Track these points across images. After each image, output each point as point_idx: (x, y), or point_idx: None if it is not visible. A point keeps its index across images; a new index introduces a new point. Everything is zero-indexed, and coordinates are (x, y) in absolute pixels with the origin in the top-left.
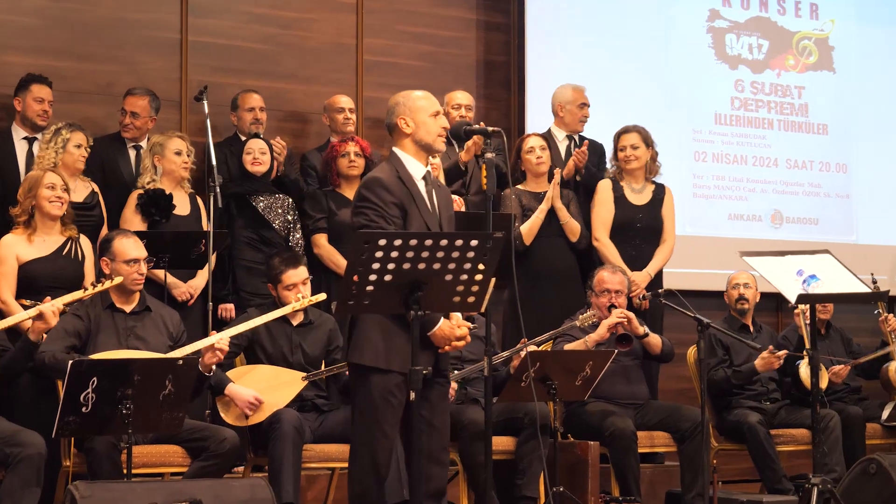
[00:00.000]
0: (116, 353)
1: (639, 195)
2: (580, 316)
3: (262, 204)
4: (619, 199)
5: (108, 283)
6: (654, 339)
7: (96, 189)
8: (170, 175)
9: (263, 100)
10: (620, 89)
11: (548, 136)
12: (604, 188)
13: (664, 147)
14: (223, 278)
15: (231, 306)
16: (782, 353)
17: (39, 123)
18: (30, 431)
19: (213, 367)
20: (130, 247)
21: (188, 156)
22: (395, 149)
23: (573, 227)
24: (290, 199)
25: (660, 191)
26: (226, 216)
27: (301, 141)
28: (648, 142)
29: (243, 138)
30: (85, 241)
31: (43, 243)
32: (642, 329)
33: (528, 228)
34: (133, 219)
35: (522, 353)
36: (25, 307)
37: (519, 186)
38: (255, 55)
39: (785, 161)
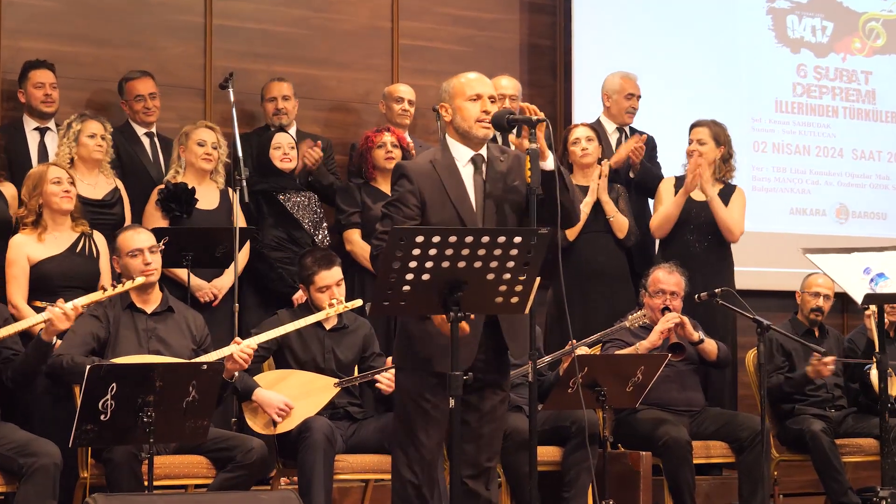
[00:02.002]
0: (137, 358)
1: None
2: (630, 316)
3: (290, 202)
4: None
5: (129, 284)
6: (710, 346)
7: (120, 186)
8: (192, 167)
9: (293, 87)
10: (674, 75)
11: (597, 127)
12: (665, 186)
13: None
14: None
15: None
16: (829, 359)
17: (45, 110)
18: (44, 440)
19: (235, 374)
20: (132, 238)
21: (213, 147)
22: (446, 135)
23: (620, 222)
24: (316, 196)
25: (728, 189)
26: (256, 214)
27: (332, 131)
28: (720, 139)
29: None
30: (99, 238)
31: (55, 241)
32: (697, 335)
33: None
34: (153, 214)
35: (571, 356)
36: (38, 309)
37: None
38: (285, 39)
39: (851, 151)
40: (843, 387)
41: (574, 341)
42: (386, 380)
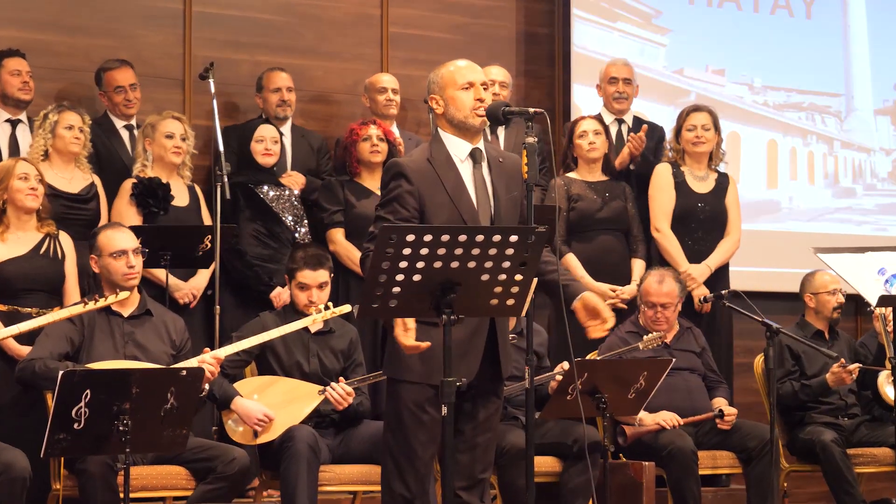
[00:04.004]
0: (112, 363)
1: (702, 182)
2: (644, 337)
3: (270, 194)
4: (680, 185)
5: (112, 299)
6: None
7: (97, 181)
8: (160, 161)
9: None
10: (680, 65)
11: (601, 120)
12: (662, 173)
13: None
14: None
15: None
16: (854, 366)
17: (23, 98)
18: (12, 449)
19: (205, 387)
20: (115, 238)
21: (182, 140)
22: (438, 129)
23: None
24: (296, 192)
25: (723, 179)
26: (232, 208)
27: (319, 124)
28: (717, 126)
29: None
30: (65, 239)
31: (17, 241)
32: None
33: None
34: (126, 211)
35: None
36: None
37: (570, 174)
38: (269, 28)
39: None
40: (856, 394)
41: (564, 365)
42: (337, 394)
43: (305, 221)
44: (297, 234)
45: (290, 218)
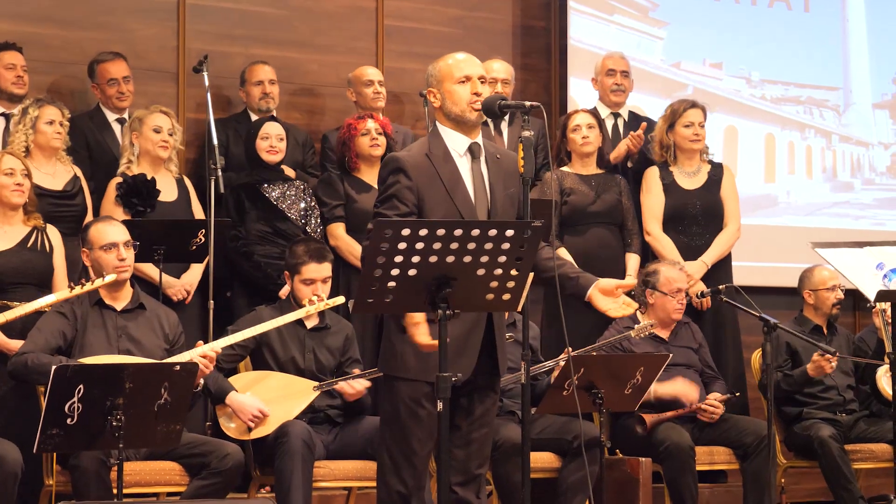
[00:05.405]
0: (106, 358)
1: (692, 178)
2: (636, 325)
3: (275, 193)
4: (670, 185)
5: (98, 282)
6: None
7: (79, 174)
8: (147, 155)
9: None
10: (677, 58)
11: (596, 114)
12: (651, 176)
13: None
14: (236, 275)
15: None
16: (832, 356)
17: (17, 92)
18: (4, 443)
19: (200, 381)
20: (106, 231)
21: (169, 134)
22: (437, 123)
23: None
24: (306, 183)
25: (717, 171)
26: (237, 209)
27: (314, 118)
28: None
29: (254, 117)
30: (53, 232)
31: (4, 235)
32: None
33: None
34: (113, 212)
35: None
36: None
37: (564, 168)
38: (263, 20)
39: None
40: (854, 389)
41: (570, 349)
42: (350, 386)
43: (317, 213)
44: (308, 227)
45: (294, 213)
